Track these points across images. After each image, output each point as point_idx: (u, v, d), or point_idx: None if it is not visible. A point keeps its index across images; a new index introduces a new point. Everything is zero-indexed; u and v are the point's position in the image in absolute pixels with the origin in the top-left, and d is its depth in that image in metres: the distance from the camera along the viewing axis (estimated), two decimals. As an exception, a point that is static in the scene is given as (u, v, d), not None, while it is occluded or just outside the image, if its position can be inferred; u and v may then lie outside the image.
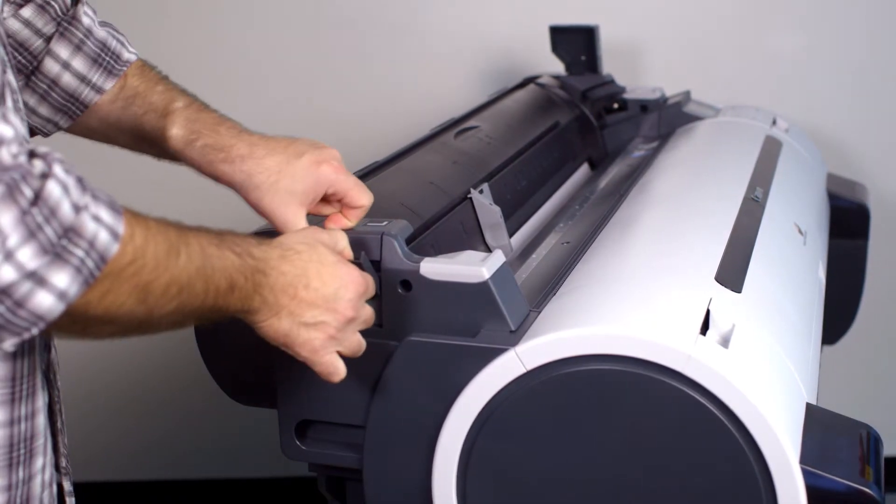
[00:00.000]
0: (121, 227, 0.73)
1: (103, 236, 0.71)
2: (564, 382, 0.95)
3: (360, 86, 2.29)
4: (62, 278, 0.69)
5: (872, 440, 0.98)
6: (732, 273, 1.12)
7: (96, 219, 0.71)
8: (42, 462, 0.86)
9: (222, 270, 0.83)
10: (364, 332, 1.03)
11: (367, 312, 0.97)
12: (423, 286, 1.02)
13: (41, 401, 0.85)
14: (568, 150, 1.80)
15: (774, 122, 1.86)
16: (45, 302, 0.69)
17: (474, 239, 1.34)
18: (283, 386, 1.09)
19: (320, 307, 0.91)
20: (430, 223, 1.24)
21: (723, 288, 1.07)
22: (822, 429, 0.98)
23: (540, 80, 1.97)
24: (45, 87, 1.05)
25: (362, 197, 1.05)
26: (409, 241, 1.06)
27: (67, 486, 0.95)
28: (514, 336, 0.99)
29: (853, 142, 2.28)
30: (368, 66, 2.28)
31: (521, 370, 0.97)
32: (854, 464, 0.94)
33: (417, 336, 1.02)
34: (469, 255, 1.04)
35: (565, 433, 0.97)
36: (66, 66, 1.05)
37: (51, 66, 1.04)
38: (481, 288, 1.00)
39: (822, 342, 1.34)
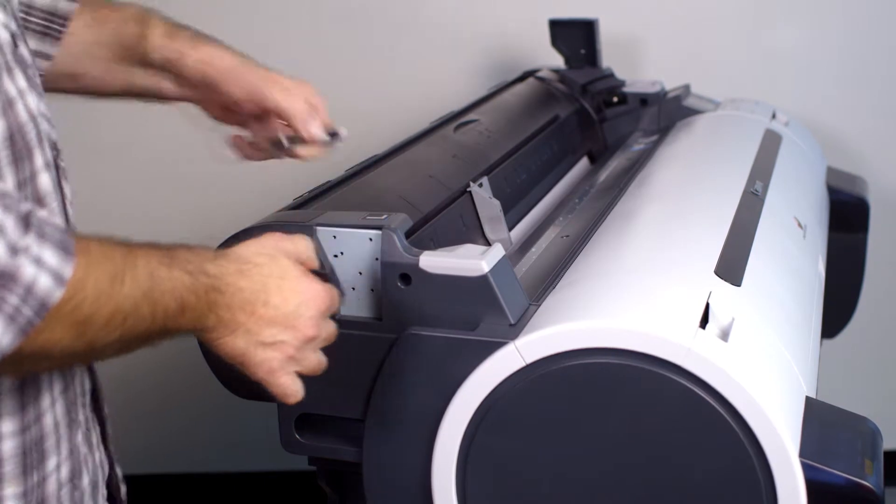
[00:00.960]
0: (68, 270, 0.69)
1: (44, 282, 0.67)
2: (564, 376, 0.95)
3: (360, 79, 2.28)
4: None
5: (872, 434, 0.98)
6: (732, 266, 1.12)
7: (37, 262, 0.67)
8: (56, 461, 0.84)
9: (171, 292, 0.78)
10: (364, 326, 1.03)
11: (329, 330, 0.92)
12: (422, 279, 1.02)
13: (47, 400, 0.84)
14: (567, 144, 1.80)
15: (774, 116, 1.86)
16: None
17: (474, 232, 1.34)
18: (283, 379, 1.08)
19: (279, 325, 0.86)
20: (430, 217, 1.24)
21: (722, 281, 1.07)
22: (821, 422, 0.98)
23: (539, 74, 1.97)
24: (23, 15, 1.03)
25: (309, 125, 1.04)
26: (408, 234, 1.05)
27: (119, 472, 0.94)
28: (514, 329, 0.99)
29: (853, 135, 2.28)
30: (367, 59, 2.28)
31: (521, 363, 0.97)
32: (854, 457, 0.94)
33: (417, 329, 1.02)
34: (468, 248, 1.04)
35: (565, 426, 0.97)
36: None
37: None
38: (481, 281, 1.00)
39: (821, 336, 1.34)
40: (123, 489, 0.98)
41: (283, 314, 0.86)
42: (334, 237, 1.05)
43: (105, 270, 0.73)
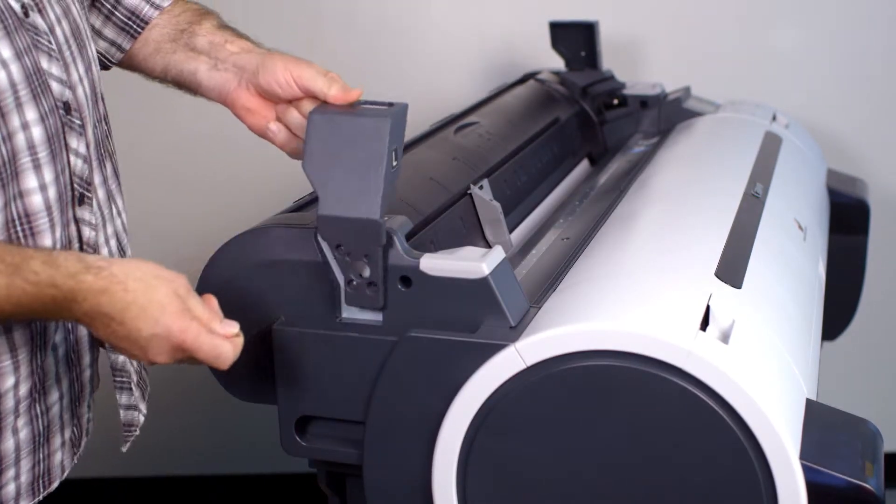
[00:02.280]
0: None
1: None
2: (564, 378, 0.95)
3: (360, 82, 2.27)
4: None
5: (872, 436, 0.98)
6: (732, 269, 1.12)
7: None
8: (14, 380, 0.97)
9: (7, 298, 0.87)
10: (365, 328, 1.03)
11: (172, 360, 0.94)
12: (423, 282, 1.02)
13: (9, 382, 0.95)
14: (568, 146, 1.80)
15: (774, 118, 1.86)
16: None
17: (474, 235, 1.34)
18: (283, 382, 1.09)
19: (130, 343, 0.91)
20: (430, 219, 1.24)
21: (723, 284, 1.07)
22: (821, 425, 0.98)
23: (540, 76, 1.97)
24: (109, 7, 1.17)
25: (316, 80, 1.08)
26: (408, 237, 1.05)
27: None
28: (514, 332, 0.99)
29: (853, 138, 2.28)
30: (368, 62, 2.28)
31: (521, 366, 0.97)
32: (854, 459, 0.94)
33: (417, 332, 1.02)
34: (469, 250, 1.04)
35: (565, 429, 0.97)
36: None
37: None
38: (481, 284, 1.00)
39: (821, 338, 1.34)
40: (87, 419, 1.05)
41: (135, 338, 0.90)
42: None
43: None
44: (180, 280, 0.93)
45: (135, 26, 1.17)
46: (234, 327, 0.93)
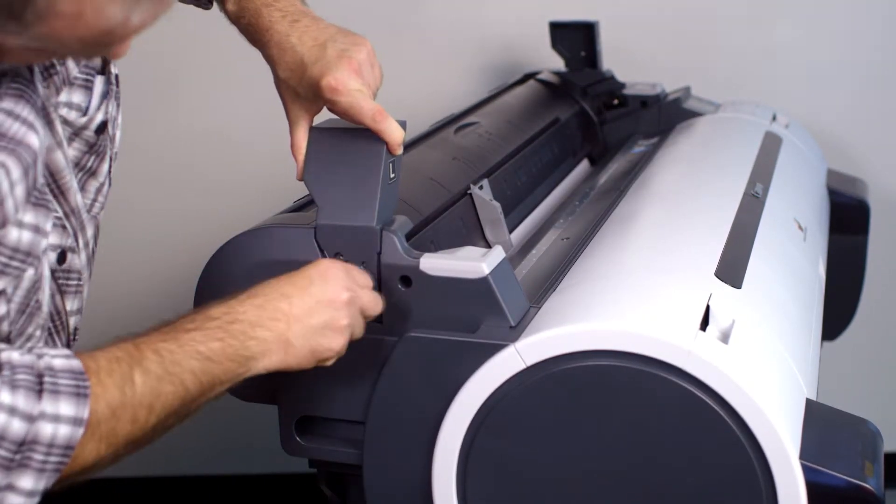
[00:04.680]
0: (84, 412, 0.75)
1: (64, 432, 0.74)
2: (564, 378, 0.95)
3: (360, 82, 2.28)
4: (27, 481, 0.73)
5: (872, 436, 0.98)
6: (732, 269, 1.12)
7: (55, 419, 0.74)
8: None
9: (187, 358, 0.83)
10: (364, 328, 1.03)
11: (365, 292, 0.97)
12: (422, 282, 1.02)
13: None
14: (568, 146, 1.80)
15: (774, 118, 1.86)
16: (17, 501, 0.73)
17: (474, 235, 1.34)
18: (284, 382, 1.09)
19: (314, 306, 0.91)
20: (430, 219, 1.24)
21: (723, 283, 1.07)
22: (821, 425, 0.98)
23: (540, 76, 1.97)
24: None
25: (362, 115, 1.01)
26: (408, 237, 1.06)
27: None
28: (514, 332, 0.99)
29: (853, 138, 2.28)
30: (368, 61, 2.28)
31: (521, 366, 0.97)
32: (854, 459, 0.94)
33: (417, 332, 1.02)
34: (469, 250, 1.04)
35: (565, 429, 0.97)
36: None
37: None
38: (481, 284, 1.00)
39: (822, 338, 1.34)
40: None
41: (310, 294, 0.91)
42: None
43: (112, 386, 0.78)
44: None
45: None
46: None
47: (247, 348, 0.87)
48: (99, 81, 0.94)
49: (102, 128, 0.95)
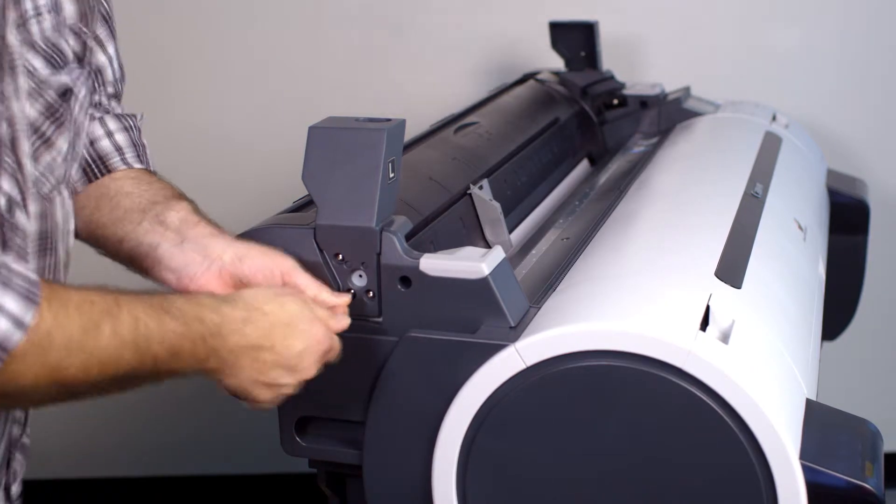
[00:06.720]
0: (28, 317, 0.73)
1: (2, 325, 0.72)
2: (564, 378, 0.95)
3: (360, 82, 2.28)
4: None
5: (872, 436, 0.98)
6: (732, 269, 1.12)
7: None
8: None
9: (160, 341, 0.82)
10: (364, 329, 1.03)
11: (318, 368, 0.96)
12: (422, 282, 1.02)
13: None
14: (568, 146, 1.80)
15: (774, 118, 1.86)
16: None
17: (474, 235, 1.34)
18: (283, 382, 1.08)
19: (282, 368, 0.92)
20: (430, 219, 1.24)
21: (723, 284, 1.07)
22: (821, 425, 0.98)
23: (540, 76, 1.97)
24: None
25: (308, 284, 1.01)
26: (408, 237, 1.06)
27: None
28: (514, 332, 0.99)
29: (853, 138, 2.28)
30: (368, 62, 2.28)
31: (521, 366, 0.97)
32: (854, 459, 0.94)
33: (417, 332, 1.02)
34: (469, 251, 1.04)
35: (565, 429, 0.97)
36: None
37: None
38: (481, 284, 1.00)
39: (822, 338, 1.34)
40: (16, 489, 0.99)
41: (286, 358, 0.92)
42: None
43: (77, 322, 0.76)
44: (290, 287, 0.96)
45: (96, 171, 1.09)
46: (342, 314, 0.99)
47: (206, 361, 0.87)
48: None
49: (66, 94, 0.91)
